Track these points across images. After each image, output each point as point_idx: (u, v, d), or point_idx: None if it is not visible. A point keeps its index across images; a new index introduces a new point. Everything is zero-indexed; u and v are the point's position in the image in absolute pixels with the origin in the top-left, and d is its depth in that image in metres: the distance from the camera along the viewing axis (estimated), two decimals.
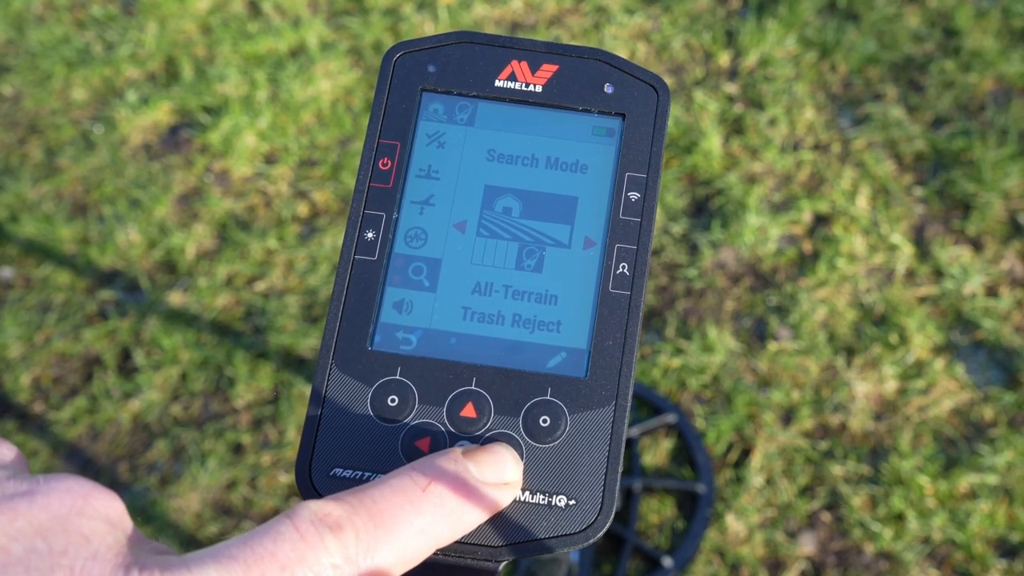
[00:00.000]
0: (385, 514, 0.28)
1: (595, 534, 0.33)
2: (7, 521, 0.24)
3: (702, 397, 1.38)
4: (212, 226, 1.60)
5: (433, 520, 0.29)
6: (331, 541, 0.26)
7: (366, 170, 0.37)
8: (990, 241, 1.48)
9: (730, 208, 1.53)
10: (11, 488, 0.25)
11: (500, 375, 0.35)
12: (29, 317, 1.52)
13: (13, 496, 0.24)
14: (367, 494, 0.28)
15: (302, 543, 0.26)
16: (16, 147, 1.73)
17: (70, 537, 0.24)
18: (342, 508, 0.27)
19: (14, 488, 0.25)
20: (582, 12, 1.81)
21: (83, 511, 0.25)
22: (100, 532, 0.25)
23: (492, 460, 0.32)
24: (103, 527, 0.25)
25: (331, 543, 0.26)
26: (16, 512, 0.24)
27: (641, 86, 0.38)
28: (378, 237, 0.36)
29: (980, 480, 1.28)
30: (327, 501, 0.28)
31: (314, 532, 0.26)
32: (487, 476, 0.31)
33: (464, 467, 0.31)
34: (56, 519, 0.24)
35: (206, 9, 1.88)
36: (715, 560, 1.26)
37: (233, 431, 1.40)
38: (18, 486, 0.25)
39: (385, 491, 0.29)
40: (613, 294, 0.36)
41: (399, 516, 0.28)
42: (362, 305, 0.35)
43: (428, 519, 0.29)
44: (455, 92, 0.38)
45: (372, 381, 0.34)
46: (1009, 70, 1.64)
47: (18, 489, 0.25)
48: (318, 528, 0.26)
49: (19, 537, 0.23)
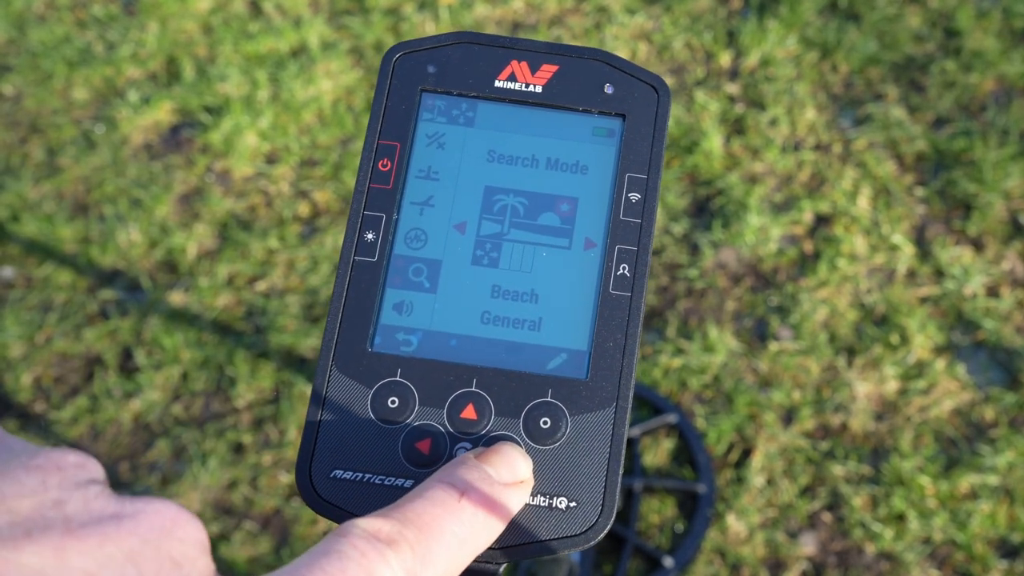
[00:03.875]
0: (432, 527, 0.28)
1: (596, 536, 0.33)
2: (96, 546, 0.23)
3: (703, 397, 1.38)
4: (213, 226, 1.60)
5: (472, 527, 0.29)
6: (392, 557, 0.26)
7: (366, 171, 0.37)
8: (991, 241, 1.48)
9: (731, 208, 1.53)
10: (99, 509, 0.24)
11: (500, 376, 0.35)
12: (30, 317, 1.52)
13: (101, 519, 0.24)
14: (410, 508, 0.29)
15: (366, 560, 0.26)
16: (17, 147, 1.73)
17: (160, 562, 0.24)
18: (391, 524, 0.28)
19: (101, 509, 0.24)
20: (583, 12, 1.81)
21: (172, 534, 0.24)
22: (190, 557, 0.24)
23: (505, 461, 0.32)
24: (193, 551, 0.25)
25: (392, 559, 0.26)
26: (105, 536, 0.23)
27: (641, 86, 0.38)
28: (378, 238, 0.36)
29: (981, 480, 1.28)
30: (374, 518, 0.28)
31: (373, 550, 0.26)
32: (504, 477, 0.32)
33: (485, 472, 0.31)
34: (146, 544, 0.24)
35: (207, 9, 1.88)
36: (716, 560, 1.26)
37: (234, 431, 1.40)
38: (105, 507, 0.24)
39: (426, 504, 0.29)
40: (614, 295, 0.35)
41: (445, 527, 0.28)
42: (362, 306, 0.35)
43: (468, 527, 0.29)
44: (455, 92, 0.38)
45: (372, 383, 0.34)
46: (1010, 70, 1.64)
47: (105, 510, 0.24)
48: (375, 545, 0.26)
49: (109, 564, 0.23)
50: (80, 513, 0.24)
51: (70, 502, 0.24)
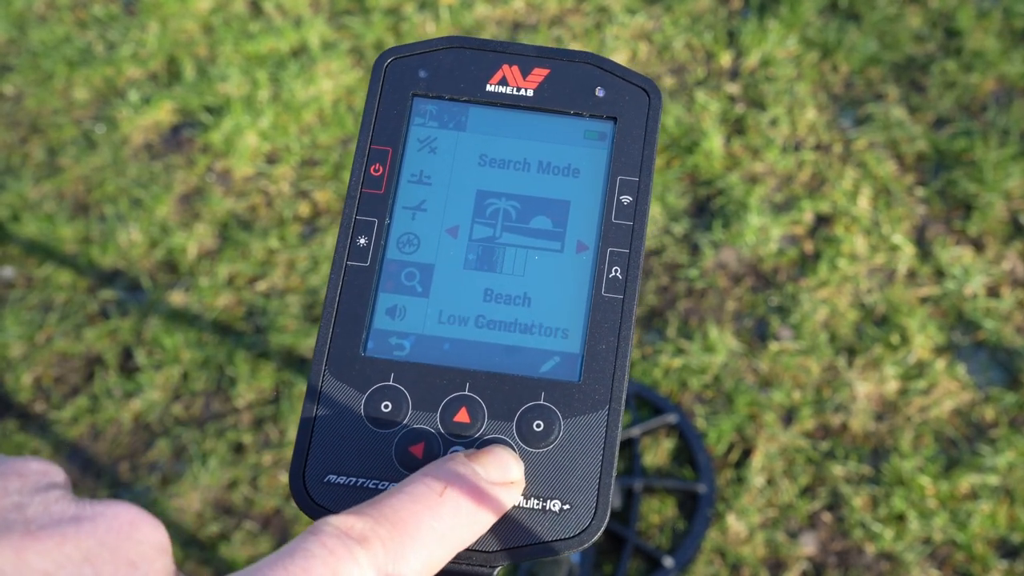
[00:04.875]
0: (408, 523, 0.28)
1: (589, 539, 0.33)
2: (55, 546, 0.23)
3: (703, 397, 1.38)
4: (213, 226, 1.60)
5: (453, 524, 0.29)
6: (361, 554, 0.26)
7: (358, 176, 0.37)
8: (991, 241, 1.48)
9: (731, 208, 1.53)
10: (58, 511, 0.25)
11: (493, 380, 0.35)
12: (30, 316, 1.52)
13: (60, 521, 0.24)
14: (386, 504, 0.28)
15: (332, 559, 0.26)
16: (18, 146, 1.73)
17: (117, 563, 0.24)
18: (364, 521, 0.27)
19: (61, 512, 0.25)
20: (583, 12, 1.80)
21: (130, 536, 0.25)
22: (148, 557, 0.25)
23: (495, 461, 0.32)
24: (151, 552, 0.25)
25: (361, 556, 0.26)
26: (64, 537, 0.24)
27: (632, 89, 0.38)
28: (370, 243, 0.36)
29: (981, 480, 1.28)
30: (347, 515, 0.28)
31: (342, 547, 0.26)
32: (493, 476, 0.32)
33: (472, 470, 0.31)
34: (103, 545, 0.24)
35: (208, 9, 1.88)
36: (716, 560, 1.26)
37: (234, 431, 1.40)
38: (65, 509, 0.25)
39: (404, 500, 0.29)
40: (606, 298, 0.35)
41: (421, 523, 0.28)
42: (355, 311, 0.35)
43: (448, 524, 0.29)
44: (446, 97, 0.38)
45: (365, 387, 0.34)
46: (1010, 70, 1.64)
47: (65, 513, 0.25)
48: (345, 543, 0.26)
49: (66, 564, 0.23)
50: (40, 516, 0.24)
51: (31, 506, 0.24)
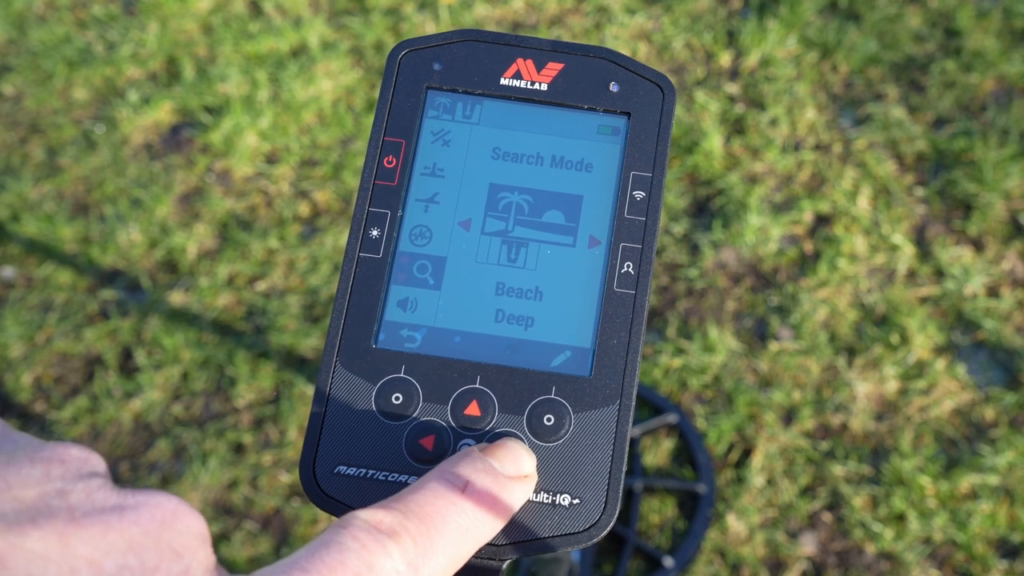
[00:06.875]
0: (435, 518, 0.28)
1: (599, 533, 0.33)
2: (99, 535, 0.23)
3: (703, 397, 1.38)
4: (213, 226, 1.60)
5: (475, 519, 0.29)
6: (393, 548, 0.27)
7: (371, 168, 0.37)
8: (991, 241, 1.48)
9: (731, 208, 1.53)
10: (101, 499, 0.25)
11: (504, 373, 0.35)
12: (30, 316, 1.52)
13: (103, 509, 0.24)
14: (411, 499, 0.29)
15: (366, 552, 0.26)
16: (17, 147, 1.73)
17: (161, 552, 0.24)
18: (392, 515, 0.28)
19: (103, 500, 0.25)
20: (583, 12, 1.81)
21: (172, 526, 0.25)
22: (191, 547, 0.25)
23: (509, 455, 0.32)
24: (193, 542, 0.25)
25: (393, 550, 0.27)
26: (108, 525, 0.24)
27: (647, 85, 0.38)
28: (383, 235, 0.36)
29: (981, 480, 1.28)
30: (376, 509, 0.28)
31: (374, 541, 0.27)
32: (508, 470, 0.32)
33: (488, 464, 0.31)
34: (147, 534, 0.24)
35: (207, 9, 1.88)
36: (716, 560, 1.26)
37: (234, 431, 1.40)
38: (107, 497, 0.25)
39: (428, 495, 0.29)
40: (618, 293, 0.35)
41: (447, 518, 0.29)
42: (367, 303, 0.35)
43: (471, 518, 0.29)
44: (460, 90, 0.38)
45: (376, 379, 0.34)
46: (1010, 70, 1.64)
47: (108, 501, 0.25)
48: (376, 536, 0.27)
49: (111, 552, 0.23)
50: (83, 503, 0.24)
51: (73, 492, 0.24)
